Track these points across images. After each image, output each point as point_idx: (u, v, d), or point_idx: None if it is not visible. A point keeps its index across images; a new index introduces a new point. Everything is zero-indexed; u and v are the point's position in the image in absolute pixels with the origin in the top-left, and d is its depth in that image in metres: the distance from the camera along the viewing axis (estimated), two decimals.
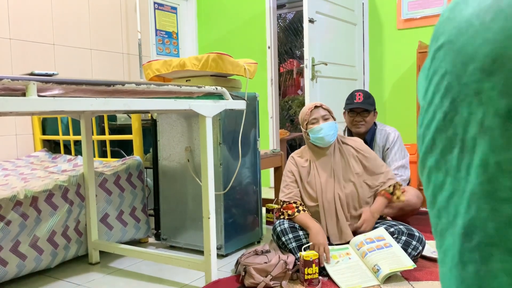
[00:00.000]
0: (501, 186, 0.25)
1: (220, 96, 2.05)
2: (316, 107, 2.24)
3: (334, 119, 2.24)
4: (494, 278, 0.25)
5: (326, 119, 2.21)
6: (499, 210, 0.25)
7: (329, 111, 2.25)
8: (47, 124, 3.13)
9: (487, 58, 0.25)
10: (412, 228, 2.11)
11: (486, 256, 0.26)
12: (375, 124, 2.86)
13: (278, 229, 2.15)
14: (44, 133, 3.14)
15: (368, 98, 2.77)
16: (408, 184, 2.85)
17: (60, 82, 1.35)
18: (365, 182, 2.21)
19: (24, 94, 1.30)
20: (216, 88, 1.99)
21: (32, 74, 1.43)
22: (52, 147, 3.17)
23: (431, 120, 0.30)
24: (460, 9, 0.29)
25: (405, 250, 1.99)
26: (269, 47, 4.34)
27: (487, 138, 0.26)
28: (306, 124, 2.24)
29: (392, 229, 2.10)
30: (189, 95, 1.93)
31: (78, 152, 2.97)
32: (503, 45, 0.25)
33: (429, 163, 0.31)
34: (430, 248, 2.22)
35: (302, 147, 2.36)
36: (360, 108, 2.75)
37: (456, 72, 0.28)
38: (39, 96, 1.33)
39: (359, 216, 2.17)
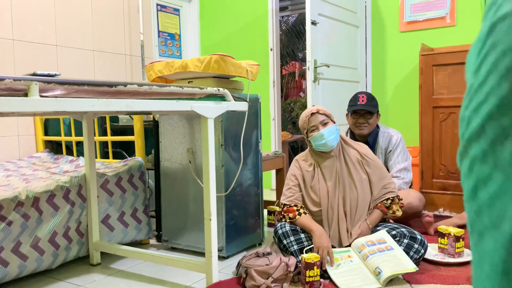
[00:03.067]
0: None
1: (222, 98, 2.05)
2: (312, 114, 2.20)
3: (334, 122, 2.20)
4: None
5: (325, 124, 2.17)
6: None
7: (327, 115, 2.20)
8: (49, 125, 3.13)
9: None
10: (414, 231, 2.10)
11: None
12: (377, 126, 2.86)
13: (280, 231, 2.14)
14: (46, 134, 3.14)
15: (372, 100, 2.77)
16: (410, 187, 2.84)
17: (62, 83, 1.35)
18: (368, 189, 2.19)
19: (26, 95, 1.30)
20: (218, 90, 1.99)
21: (34, 74, 1.43)
22: (54, 148, 3.17)
23: (482, 103, 0.26)
24: None
25: (407, 253, 1.97)
26: (271, 49, 4.34)
27: None
28: (306, 132, 2.22)
29: (394, 232, 2.09)
30: (191, 97, 1.93)
31: (80, 153, 2.97)
32: None
33: (474, 152, 0.27)
34: (432, 251, 2.21)
35: (306, 150, 2.34)
36: (364, 110, 2.74)
37: None
38: (41, 96, 1.33)
39: (359, 223, 2.15)
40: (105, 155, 2.98)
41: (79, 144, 2.99)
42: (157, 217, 2.67)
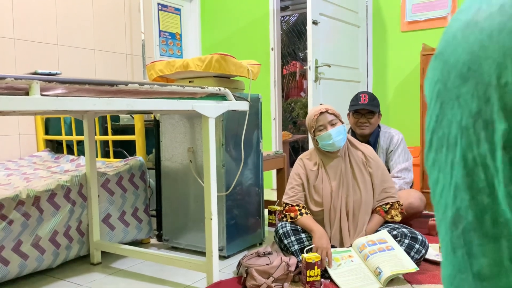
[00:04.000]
0: (478, 178, 0.29)
1: (223, 97, 2.04)
2: (321, 113, 2.17)
3: (342, 122, 2.18)
4: (475, 259, 0.29)
5: (333, 124, 2.15)
6: (477, 199, 0.29)
7: (336, 115, 2.18)
8: (50, 124, 3.13)
9: (464, 66, 0.29)
10: (415, 231, 2.10)
11: (469, 241, 0.30)
12: (379, 126, 2.86)
13: (280, 231, 2.14)
14: (47, 133, 3.14)
15: (373, 100, 2.77)
16: (411, 187, 2.84)
17: (63, 82, 1.35)
18: (371, 191, 2.18)
19: (27, 94, 1.30)
20: (219, 89, 1.99)
21: (35, 73, 1.43)
22: (55, 147, 3.17)
23: (429, 122, 0.34)
24: (451, 24, 0.33)
25: (408, 253, 1.97)
26: (272, 49, 4.34)
27: (464, 136, 0.29)
28: (314, 131, 2.19)
29: (395, 232, 2.09)
30: (192, 96, 1.93)
31: (81, 152, 2.97)
32: (476, 54, 0.29)
33: (429, 161, 0.34)
34: (433, 252, 2.21)
35: (311, 149, 2.32)
36: (365, 109, 2.74)
37: (443, 79, 0.32)
38: (42, 95, 1.33)
39: (361, 225, 2.15)
40: (106, 155, 2.98)
41: (80, 143, 2.99)
42: (158, 216, 2.67)
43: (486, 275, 0.29)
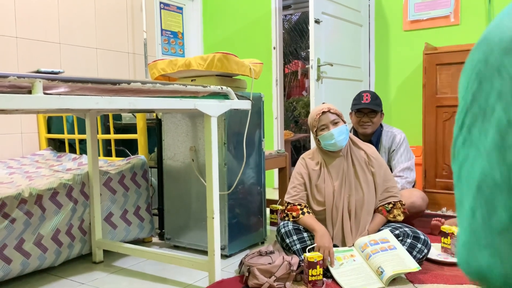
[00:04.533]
0: (509, 137, 0.30)
1: (225, 96, 2.04)
2: (324, 112, 2.16)
3: (344, 122, 2.18)
4: (496, 214, 0.31)
5: (335, 124, 2.14)
6: (506, 158, 0.30)
7: (338, 114, 2.17)
8: (52, 123, 3.13)
9: (509, 41, 0.31)
10: (418, 231, 2.09)
11: (491, 199, 0.31)
12: (381, 125, 2.85)
13: (282, 230, 2.14)
14: (49, 131, 3.14)
15: (376, 99, 2.76)
16: (413, 186, 2.84)
17: (66, 80, 1.35)
18: (374, 191, 2.17)
19: (30, 92, 1.30)
20: (222, 88, 1.99)
21: (38, 72, 1.43)
22: (57, 145, 3.18)
23: (463, 105, 0.35)
24: (497, 16, 0.35)
25: (410, 253, 1.97)
26: (274, 48, 4.33)
27: (502, 102, 0.31)
28: (316, 131, 2.18)
29: (397, 232, 2.09)
30: (194, 95, 1.93)
31: (83, 151, 2.97)
32: None
33: (458, 142, 0.36)
34: (435, 251, 2.21)
35: (313, 148, 2.32)
36: (368, 108, 2.74)
37: (485, 57, 0.34)
38: (45, 93, 1.33)
39: (363, 224, 2.14)
40: (108, 153, 2.98)
41: (82, 142, 2.99)
42: (160, 215, 2.67)
43: (505, 228, 0.30)
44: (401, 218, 2.17)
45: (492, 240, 0.31)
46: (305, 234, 2.12)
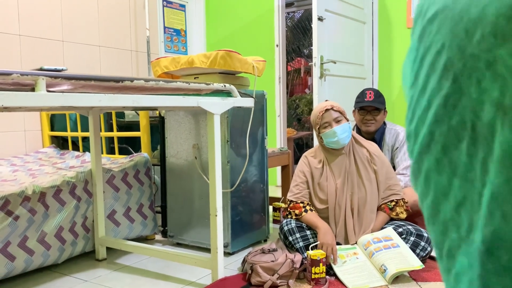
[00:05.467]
0: None
1: (228, 94, 2.04)
2: (327, 110, 2.16)
3: (347, 120, 2.17)
4: None
5: (338, 121, 2.14)
6: None
7: (341, 112, 2.17)
8: (56, 121, 3.14)
9: (501, 18, 0.20)
10: (421, 229, 2.09)
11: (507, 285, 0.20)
12: (384, 123, 2.84)
13: (285, 228, 2.13)
14: (52, 129, 3.15)
15: (379, 96, 2.75)
16: None
17: (69, 78, 1.35)
18: (376, 188, 2.17)
19: (33, 89, 1.30)
20: (224, 86, 1.98)
21: (41, 69, 1.43)
22: (60, 143, 3.18)
23: (426, 109, 0.25)
24: None
25: (414, 251, 1.96)
26: (277, 45, 4.32)
27: (509, 121, 0.20)
28: (319, 128, 2.18)
29: (400, 229, 2.08)
30: (197, 92, 1.92)
31: (86, 148, 2.97)
32: None
33: (427, 165, 0.25)
34: None
35: (316, 147, 2.31)
36: (371, 106, 2.73)
37: (458, 43, 0.22)
38: (48, 91, 1.33)
39: (366, 222, 2.14)
40: (111, 151, 2.98)
41: (85, 139, 2.99)
42: (163, 212, 2.68)
43: None
44: (404, 216, 2.17)
45: None
46: (308, 232, 2.11)
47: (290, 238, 2.10)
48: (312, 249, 1.98)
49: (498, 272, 0.20)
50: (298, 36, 7.48)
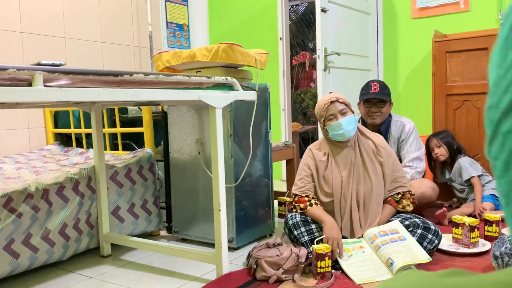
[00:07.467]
0: None
1: (230, 87, 2.01)
2: (332, 102, 2.12)
3: (353, 112, 2.13)
4: None
5: (344, 114, 2.09)
6: None
7: (347, 104, 2.13)
8: (59, 118, 3.13)
9: None
10: (428, 221, 2.05)
11: None
12: (390, 115, 2.81)
13: (290, 222, 2.11)
14: (56, 126, 3.15)
15: (384, 88, 2.71)
16: (423, 176, 2.79)
17: (66, 72, 1.33)
18: (382, 181, 2.13)
19: (30, 85, 1.29)
20: (226, 79, 1.96)
21: (39, 64, 1.41)
22: (64, 140, 3.18)
23: (510, 82, 0.28)
24: None
25: (421, 244, 1.93)
26: (280, 39, 4.28)
27: None
28: (324, 121, 2.14)
29: (407, 222, 2.05)
30: (198, 86, 1.90)
31: (90, 145, 2.97)
32: None
33: (506, 127, 0.28)
34: (447, 242, 2.17)
35: (320, 139, 2.28)
36: (376, 98, 2.69)
37: None
38: (45, 86, 1.31)
39: (372, 215, 2.11)
40: (114, 147, 2.97)
41: (89, 136, 2.98)
42: (167, 208, 2.67)
43: None
44: (410, 208, 2.14)
45: None
46: (313, 226, 2.09)
47: (295, 232, 2.07)
48: (317, 243, 1.96)
49: None
50: (303, 29, 7.42)
